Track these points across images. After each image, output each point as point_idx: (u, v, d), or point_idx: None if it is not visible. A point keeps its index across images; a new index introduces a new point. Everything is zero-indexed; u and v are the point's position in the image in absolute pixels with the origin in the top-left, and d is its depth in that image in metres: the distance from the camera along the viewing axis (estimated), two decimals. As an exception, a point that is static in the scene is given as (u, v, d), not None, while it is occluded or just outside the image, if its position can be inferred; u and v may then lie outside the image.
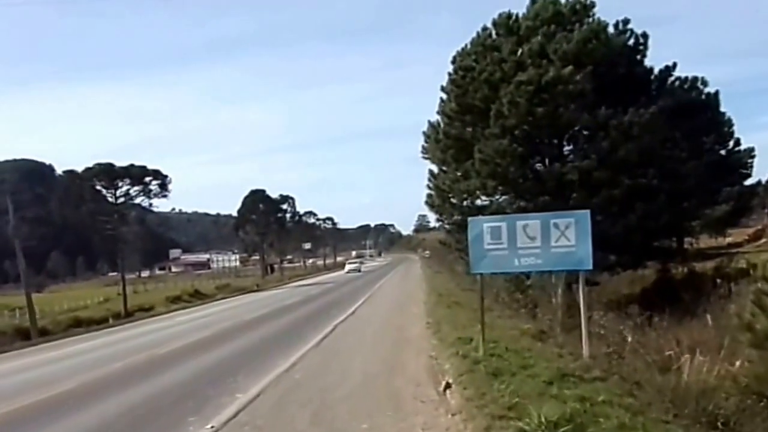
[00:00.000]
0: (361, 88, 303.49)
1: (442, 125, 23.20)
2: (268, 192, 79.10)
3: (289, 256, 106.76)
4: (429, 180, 24.99)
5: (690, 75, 26.84)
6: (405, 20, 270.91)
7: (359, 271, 69.84)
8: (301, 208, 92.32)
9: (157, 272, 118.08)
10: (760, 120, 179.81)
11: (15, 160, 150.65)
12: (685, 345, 9.23)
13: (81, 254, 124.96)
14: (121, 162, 43.28)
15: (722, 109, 31.01)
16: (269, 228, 77.36)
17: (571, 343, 10.05)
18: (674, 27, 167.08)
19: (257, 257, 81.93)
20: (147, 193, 43.81)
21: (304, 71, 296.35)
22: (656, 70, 22.20)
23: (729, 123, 32.31)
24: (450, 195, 22.97)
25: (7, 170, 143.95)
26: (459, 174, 22.13)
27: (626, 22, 21.11)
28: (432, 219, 60.00)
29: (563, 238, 8.91)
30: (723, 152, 32.31)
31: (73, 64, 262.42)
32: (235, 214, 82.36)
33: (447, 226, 26.46)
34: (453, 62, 22.31)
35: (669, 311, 14.70)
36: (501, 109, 19.56)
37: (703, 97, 28.41)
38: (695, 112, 25.71)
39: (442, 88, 22.97)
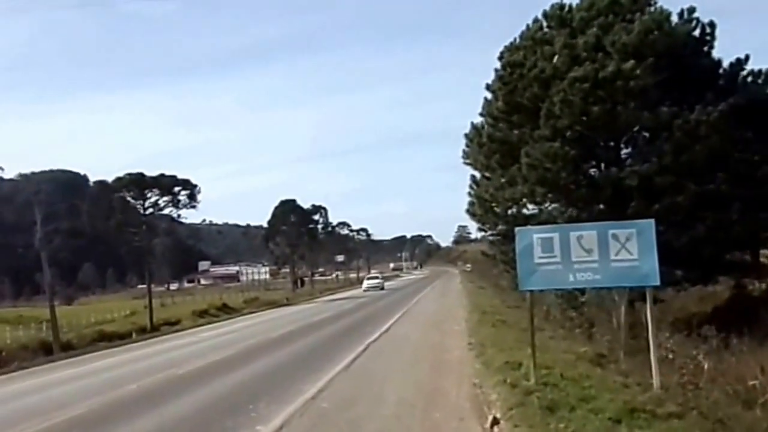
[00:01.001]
0: (398, 92, 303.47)
1: (486, 127, 22.62)
2: (300, 202, 79.85)
3: (320, 269, 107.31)
4: (470, 187, 24.58)
5: (765, 68, 25.33)
6: (445, 18, 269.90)
7: (382, 288, 60.42)
8: (333, 219, 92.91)
9: (186, 285, 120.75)
10: None
11: (52, 171, 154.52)
12: None
13: (111, 266, 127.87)
14: (151, 172, 44.03)
15: None
16: (300, 239, 77.79)
17: (637, 370, 9.42)
18: (744, 18, 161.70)
19: (287, 270, 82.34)
20: (176, 203, 44.44)
21: (337, 76, 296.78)
22: (726, 64, 20.91)
23: None
24: (494, 203, 22.40)
25: (44, 181, 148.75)
26: (504, 180, 21.53)
27: (692, 10, 20.16)
28: (473, 229, 58.75)
29: (624, 251, 8.41)
30: None
31: (110, 73, 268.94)
32: (265, 225, 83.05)
33: (490, 237, 25.94)
34: (500, 58, 21.76)
35: (747, 333, 13.76)
36: (552, 108, 18.90)
37: None
38: None
39: (488, 87, 22.45)
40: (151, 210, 43.51)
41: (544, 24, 21.07)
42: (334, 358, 14.99)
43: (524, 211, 21.64)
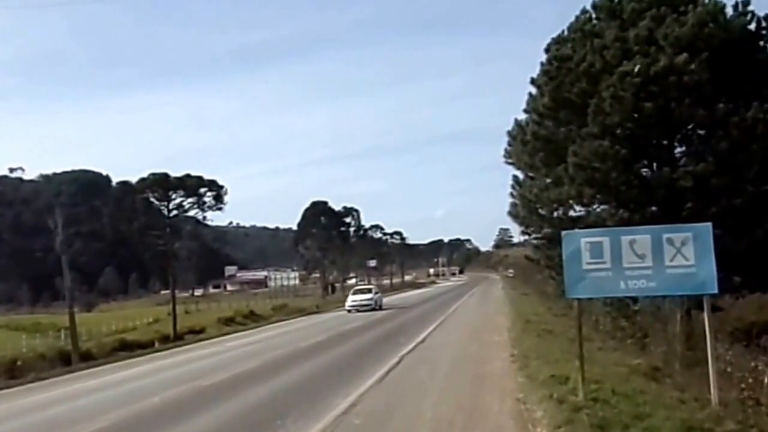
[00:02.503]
0: (435, 89, 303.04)
1: (530, 124, 22.48)
2: (331, 204, 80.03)
3: (352, 274, 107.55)
4: (513, 187, 24.43)
5: None
6: (488, 9, 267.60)
7: (375, 308, 42.79)
8: (366, 222, 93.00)
9: (212, 290, 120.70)
10: None
11: (73, 171, 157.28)
12: None
13: (133, 271, 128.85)
14: (176, 172, 44.16)
15: None
16: (331, 243, 78.11)
17: (695, 384, 9.29)
18: None
19: (317, 275, 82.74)
20: (201, 205, 44.28)
21: (372, 73, 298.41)
22: None
23: None
24: (538, 205, 22.23)
25: (65, 182, 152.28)
26: (549, 181, 21.33)
27: (746, 3, 19.92)
28: (515, 233, 56.99)
29: (679, 257, 8.39)
30: None
31: (135, 72, 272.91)
32: (294, 227, 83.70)
33: (534, 241, 25.73)
34: (547, 51, 21.60)
35: None
36: (601, 104, 18.71)
37: None
38: None
39: (533, 82, 22.25)
40: (175, 212, 43.34)
41: (593, 15, 20.92)
42: (366, 370, 14.95)
43: (571, 213, 21.43)
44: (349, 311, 41.92)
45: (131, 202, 44.73)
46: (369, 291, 47.43)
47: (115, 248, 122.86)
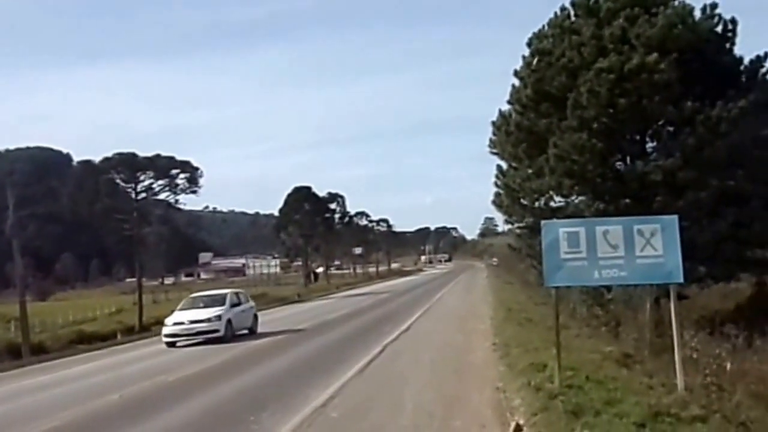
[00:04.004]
0: (424, 76, 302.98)
1: (513, 115, 23.43)
2: (315, 190, 79.58)
3: (337, 262, 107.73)
4: (497, 177, 25.16)
5: None
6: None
7: (231, 333, 23.22)
8: (351, 209, 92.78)
9: (184, 279, 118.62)
10: None
11: (29, 148, 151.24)
12: None
13: (95, 257, 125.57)
14: (146, 152, 42.87)
15: None
16: (315, 230, 77.77)
17: (662, 370, 9.96)
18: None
19: (300, 263, 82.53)
20: (173, 188, 43.25)
21: (361, 57, 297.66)
22: (746, 61, 22.12)
23: None
24: (520, 195, 23.14)
25: (19, 159, 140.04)
26: (531, 171, 22.34)
27: (714, 6, 21.28)
28: (500, 221, 57.45)
29: (649, 247, 8.96)
30: None
31: (102, 44, 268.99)
32: (276, 213, 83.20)
33: (517, 230, 26.55)
34: (528, 45, 22.71)
35: None
36: (579, 98, 19.91)
37: None
38: None
39: (516, 74, 23.22)
40: (144, 195, 42.21)
41: (572, 12, 21.99)
42: (347, 360, 15.14)
43: (552, 203, 22.42)
44: (168, 344, 22.72)
45: (94, 182, 43.02)
46: (217, 302, 23.95)
47: (74, 232, 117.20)
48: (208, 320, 22.44)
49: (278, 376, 14.39)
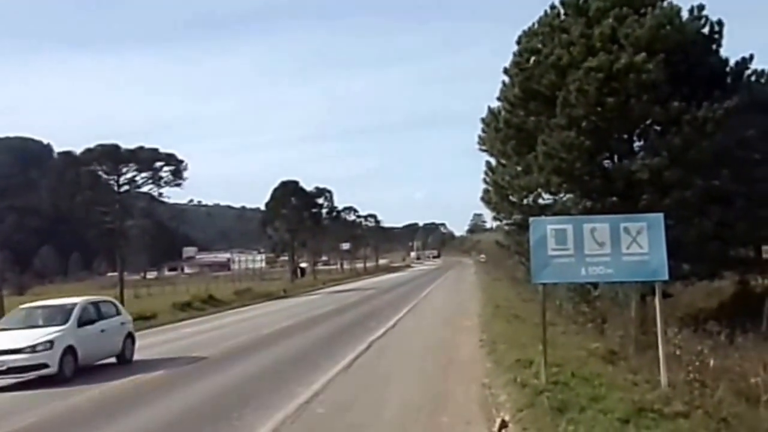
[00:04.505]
0: (413, 71, 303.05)
1: (503, 113, 23.72)
2: (303, 184, 79.32)
3: (324, 258, 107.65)
4: (486, 174, 25.33)
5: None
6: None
7: (64, 371, 14.70)
8: (339, 203, 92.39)
9: (167, 273, 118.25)
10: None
11: (8, 138, 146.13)
12: None
13: (75, 250, 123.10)
14: (129, 144, 42.57)
15: None
16: (302, 224, 77.45)
17: (647, 367, 10.18)
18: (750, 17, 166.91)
19: (286, 258, 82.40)
20: (157, 180, 43.06)
21: (350, 50, 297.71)
22: (732, 62, 22.64)
23: None
24: (509, 192, 23.40)
25: None
26: (520, 168, 22.67)
27: (701, 7, 21.67)
28: (488, 218, 57.35)
29: (635, 245, 9.18)
30: None
31: (88, 33, 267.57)
32: (262, 207, 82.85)
33: (506, 227, 26.80)
34: (518, 43, 22.98)
35: (751, 329, 15.02)
36: (568, 97, 20.21)
37: None
38: None
39: (505, 71, 23.48)
40: (126, 187, 42.06)
41: (562, 11, 22.26)
42: (333, 356, 15.24)
43: (540, 200, 22.73)
44: None
45: (75, 174, 42.66)
46: (54, 318, 15.95)
47: (54, 225, 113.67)
48: (28, 350, 14.28)
49: (262, 372, 14.37)
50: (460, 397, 10.50)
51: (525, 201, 22.99)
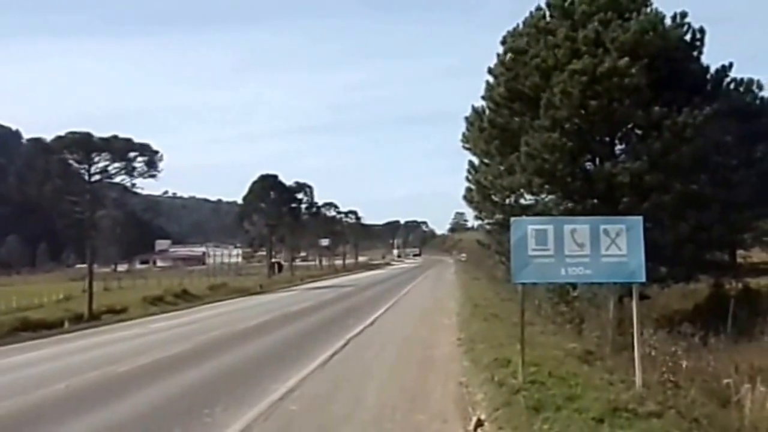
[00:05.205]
0: (398, 68, 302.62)
1: (487, 112, 24.14)
2: (282, 178, 79.11)
3: (302, 254, 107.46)
4: (468, 172, 25.76)
5: (746, 77, 27.70)
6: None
7: None
8: (319, 199, 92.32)
9: (138, 266, 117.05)
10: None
11: None
12: (744, 372, 9.60)
13: (43, 241, 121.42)
14: (102, 133, 41.49)
15: None
16: (280, 219, 77.20)
17: (622, 367, 10.47)
18: (729, 26, 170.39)
19: (264, 253, 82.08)
20: (130, 171, 41.66)
21: (334, 45, 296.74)
22: (712, 70, 23.55)
23: None
24: (491, 191, 23.74)
25: None
26: (502, 168, 23.05)
27: (684, 15, 22.34)
28: (470, 217, 57.59)
29: (614, 247, 9.40)
30: None
31: (61, 16, 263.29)
32: (240, 201, 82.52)
33: (487, 226, 27.13)
34: (503, 43, 23.43)
35: (724, 331, 15.55)
36: (552, 98, 20.72)
37: (758, 102, 29.06)
38: (749, 117, 26.55)
39: (490, 71, 23.92)
40: (98, 177, 40.61)
41: (547, 13, 22.77)
42: (309, 354, 15.26)
43: (522, 201, 23.20)
44: None
45: (44, 162, 41.25)
46: None
47: (21, 214, 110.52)
48: None
49: (235, 368, 14.34)
50: (436, 396, 10.61)
51: (507, 201, 23.46)
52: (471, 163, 25.78)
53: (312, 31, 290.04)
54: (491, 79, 23.93)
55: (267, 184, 76.52)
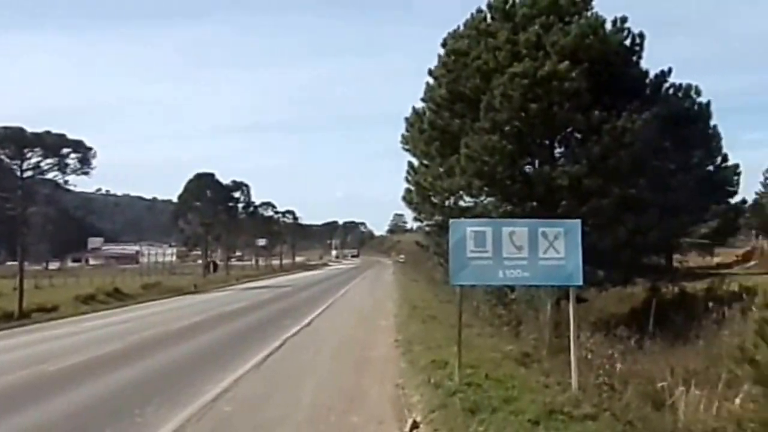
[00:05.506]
0: (339, 68, 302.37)
1: (427, 113, 24.06)
2: (219, 177, 78.47)
3: (238, 253, 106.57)
4: (408, 173, 25.58)
5: (684, 82, 28.66)
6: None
7: None
8: (257, 198, 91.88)
9: (71, 264, 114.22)
10: (746, 137, 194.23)
11: None
12: (678, 374, 9.78)
13: None
14: (35, 128, 40.56)
15: (713, 122, 32.85)
16: (217, 218, 76.64)
17: (559, 370, 10.52)
18: (670, 32, 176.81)
19: (199, 252, 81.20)
20: (63, 167, 40.97)
21: (274, 42, 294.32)
22: (651, 75, 23.82)
23: (718, 137, 34.59)
24: (431, 193, 23.69)
25: None
26: (442, 170, 22.93)
27: (624, 20, 22.43)
28: (409, 218, 57.84)
29: (552, 250, 9.44)
30: (711, 167, 34.35)
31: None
32: (175, 199, 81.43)
33: (426, 228, 27.16)
34: (444, 45, 23.26)
35: (660, 334, 16.04)
36: (493, 101, 20.63)
37: (696, 107, 30.03)
38: (687, 122, 27.40)
39: (430, 72, 23.84)
40: (30, 173, 39.86)
41: (489, 15, 22.68)
42: (244, 354, 15.07)
43: (461, 203, 23.10)
44: None
45: None
46: None
47: None
48: None
49: (168, 368, 14.09)
50: (373, 397, 10.53)
51: (446, 203, 23.33)
52: (411, 164, 25.69)
53: (249, 29, 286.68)
54: (431, 81, 23.90)
55: (203, 182, 75.84)
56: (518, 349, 12.70)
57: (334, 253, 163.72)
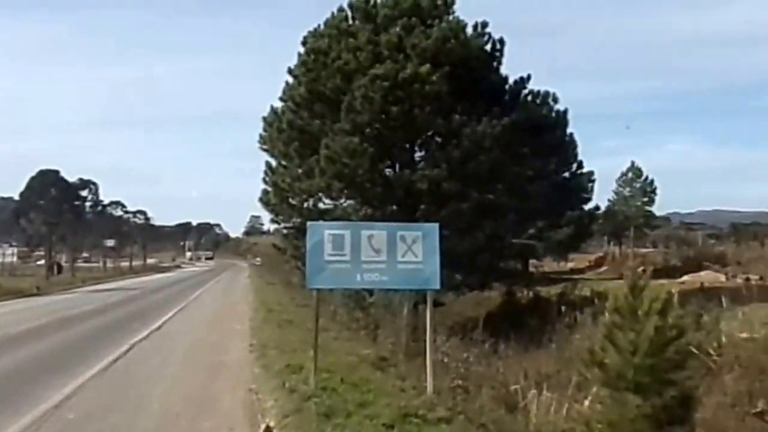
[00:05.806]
0: (194, 65, 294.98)
1: (286, 113, 23.77)
2: (64, 174, 74.99)
3: (85, 254, 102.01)
4: (266, 174, 25.31)
5: (542, 89, 29.99)
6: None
7: None
8: (106, 197, 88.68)
9: None
10: (601, 145, 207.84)
11: None
12: (531, 378, 10.09)
13: None
14: None
15: (569, 129, 34.90)
16: (61, 218, 73.29)
17: (415, 374, 10.56)
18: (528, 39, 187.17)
19: (42, 253, 77.19)
20: None
21: (132, 36, 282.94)
22: (511, 81, 24.53)
23: (574, 144, 36.91)
24: (289, 194, 23.44)
25: None
26: (301, 171, 22.86)
27: (485, 24, 23.14)
28: (266, 220, 57.21)
29: (410, 253, 9.44)
30: (567, 174, 36.40)
31: None
32: (16, 197, 77.18)
33: (284, 230, 26.91)
34: (304, 43, 23.15)
35: (515, 338, 16.45)
36: (353, 102, 20.67)
37: (553, 114, 31.63)
38: (545, 129, 28.68)
39: (290, 71, 23.70)
40: None
41: (350, 15, 22.75)
42: (89, 359, 14.45)
43: (320, 205, 23.10)
44: None
45: None
46: None
47: None
48: None
49: (5, 375, 13.14)
50: (225, 403, 10.28)
51: (305, 204, 23.23)
52: (268, 164, 25.40)
53: (94, 23, 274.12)
54: (291, 80, 23.72)
55: (47, 179, 72.60)
56: (375, 353, 12.69)
57: (188, 255, 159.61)
